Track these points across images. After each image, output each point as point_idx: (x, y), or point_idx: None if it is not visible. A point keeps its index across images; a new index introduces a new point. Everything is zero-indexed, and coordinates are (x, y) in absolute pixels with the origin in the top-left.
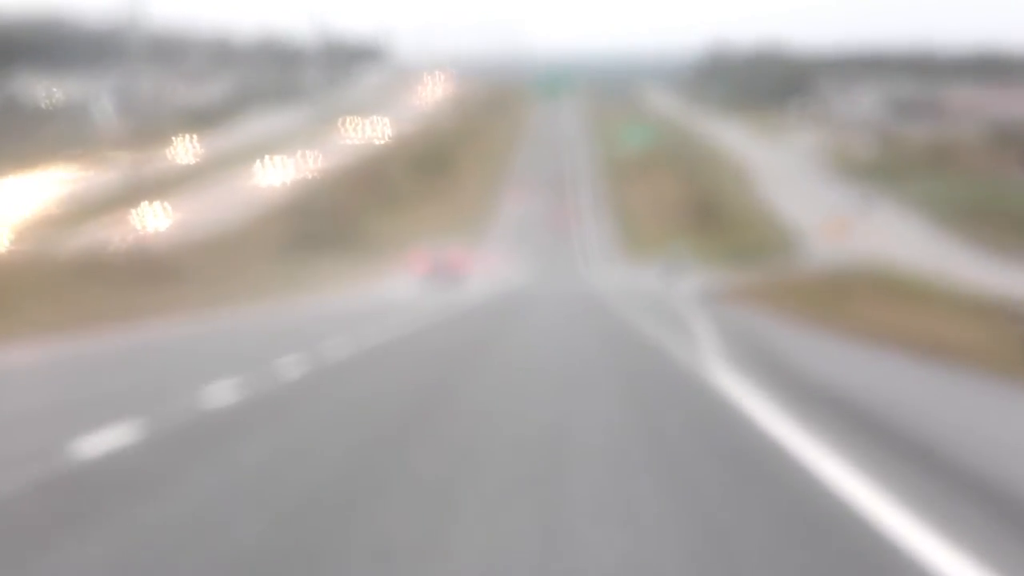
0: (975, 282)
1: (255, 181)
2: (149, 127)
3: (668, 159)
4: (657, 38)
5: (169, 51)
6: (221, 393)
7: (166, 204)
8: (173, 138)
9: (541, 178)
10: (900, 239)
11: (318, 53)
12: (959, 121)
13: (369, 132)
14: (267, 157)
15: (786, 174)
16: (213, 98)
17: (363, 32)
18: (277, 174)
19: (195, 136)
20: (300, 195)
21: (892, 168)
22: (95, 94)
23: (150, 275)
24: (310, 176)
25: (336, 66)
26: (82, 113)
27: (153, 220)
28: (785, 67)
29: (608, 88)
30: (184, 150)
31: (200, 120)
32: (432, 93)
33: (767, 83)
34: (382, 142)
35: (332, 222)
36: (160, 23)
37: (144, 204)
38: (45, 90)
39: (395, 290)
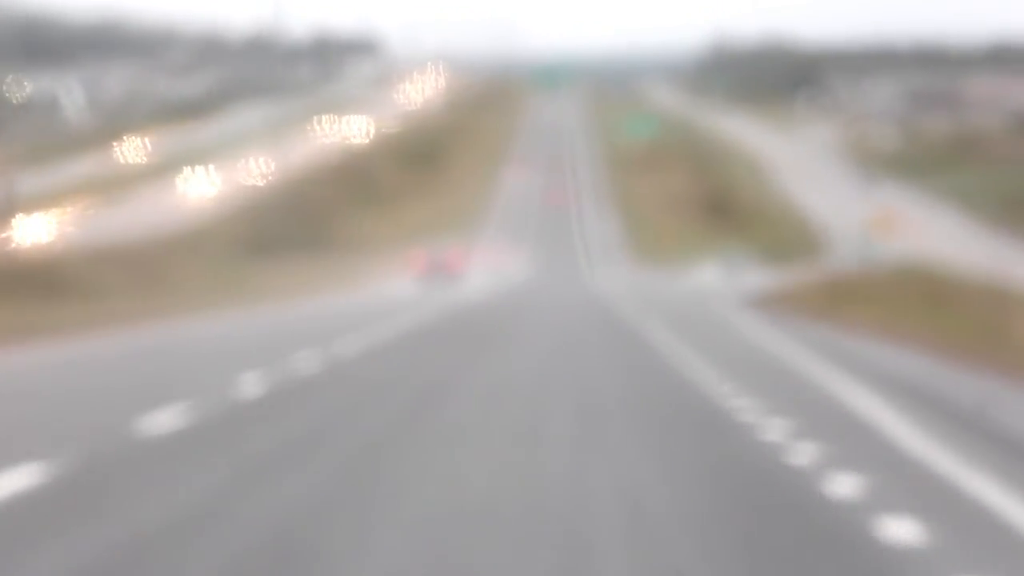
0: None
1: (180, 191)
2: (114, 123)
3: (675, 152)
4: (655, 35)
5: (154, 45)
6: None
7: (82, 209)
8: (124, 137)
9: (539, 177)
10: (941, 234)
11: (307, 48)
12: (977, 112)
13: (349, 129)
14: (198, 166)
15: (805, 167)
16: (196, 93)
17: (353, 28)
18: (206, 184)
19: (146, 136)
20: (260, 196)
21: (916, 160)
22: (67, 88)
23: (19, 289)
24: (263, 180)
25: (326, 61)
26: (53, 107)
27: (35, 228)
28: (791, 60)
29: (608, 85)
30: (133, 150)
31: (176, 115)
32: (422, 88)
33: (773, 76)
34: (364, 139)
35: (301, 223)
36: (147, 17)
37: (22, 213)
38: (16, 84)
39: (371, 301)
